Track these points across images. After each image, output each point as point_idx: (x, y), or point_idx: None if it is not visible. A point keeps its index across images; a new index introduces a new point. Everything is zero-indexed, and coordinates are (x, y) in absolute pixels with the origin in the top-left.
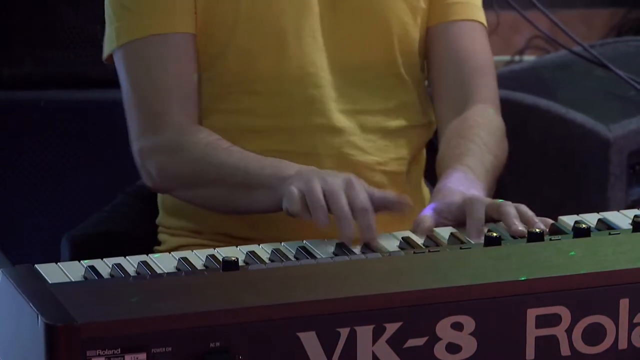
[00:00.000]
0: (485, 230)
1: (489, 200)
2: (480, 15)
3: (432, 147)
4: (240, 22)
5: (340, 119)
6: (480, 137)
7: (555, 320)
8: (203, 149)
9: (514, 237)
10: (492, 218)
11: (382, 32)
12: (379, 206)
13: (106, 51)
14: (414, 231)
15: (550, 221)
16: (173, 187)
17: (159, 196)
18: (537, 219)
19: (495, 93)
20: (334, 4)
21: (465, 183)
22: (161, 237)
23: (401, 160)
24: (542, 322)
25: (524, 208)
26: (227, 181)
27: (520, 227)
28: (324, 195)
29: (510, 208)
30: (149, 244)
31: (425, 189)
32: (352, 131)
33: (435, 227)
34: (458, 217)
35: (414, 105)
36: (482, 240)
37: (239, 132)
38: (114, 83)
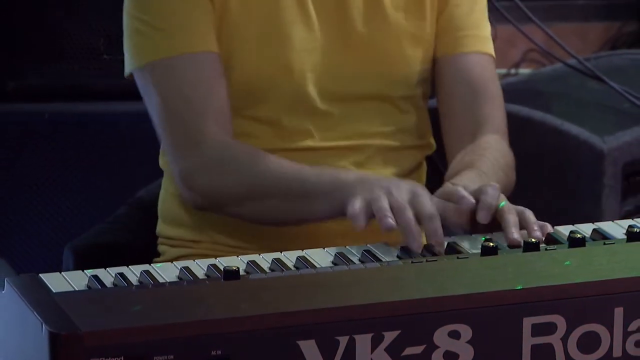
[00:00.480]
0: (482, 239)
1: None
2: (490, 47)
3: (433, 164)
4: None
5: (336, 145)
6: (492, 155)
7: (550, 328)
8: (250, 162)
9: (510, 246)
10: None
11: (384, 66)
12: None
13: (129, 67)
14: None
15: (550, 227)
16: (223, 204)
17: (159, 207)
18: (536, 226)
19: (505, 123)
20: (342, 40)
21: (479, 179)
22: (161, 248)
23: (392, 177)
24: (537, 330)
25: (528, 214)
26: (283, 192)
27: (516, 236)
28: (390, 206)
29: (511, 216)
30: (149, 255)
31: None
32: (347, 153)
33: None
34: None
35: (410, 130)
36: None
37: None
38: (116, 95)
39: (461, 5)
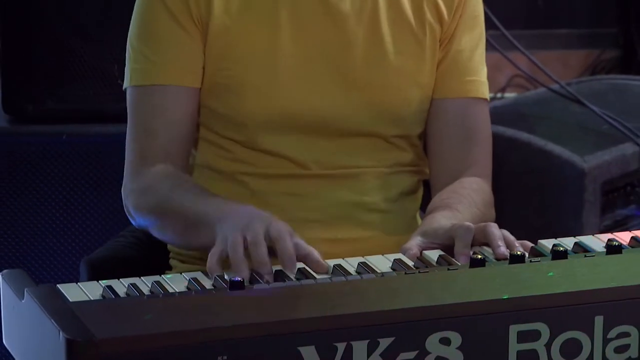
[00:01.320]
0: (471, 252)
1: (475, 225)
2: (486, 92)
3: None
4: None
5: (334, 173)
6: (470, 196)
7: (535, 335)
8: (168, 191)
9: (497, 259)
10: (479, 240)
11: (383, 106)
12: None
13: (124, 85)
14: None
15: (530, 244)
16: (146, 224)
17: None
18: (517, 243)
19: (490, 166)
20: (343, 80)
21: (453, 220)
22: (172, 262)
23: (389, 200)
24: (523, 337)
25: (505, 232)
26: (181, 219)
27: (504, 249)
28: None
29: (495, 230)
30: (160, 269)
31: (420, 221)
32: (343, 181)
33: (424, 249)
34: (445, 241)
35: (405, 163)
36: (468, 261)
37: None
38: None
39: (463, 51)
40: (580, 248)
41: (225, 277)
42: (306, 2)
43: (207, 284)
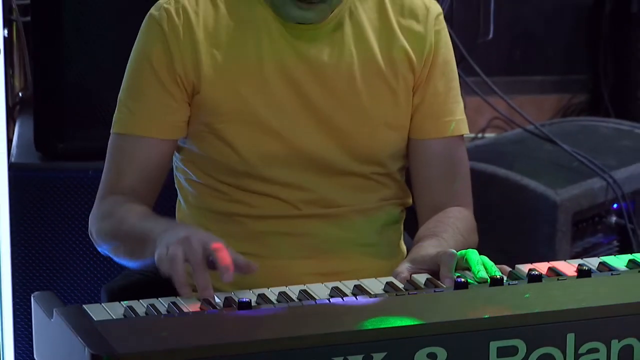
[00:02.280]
0: (455, 276)
1: (458, 252)
2: (465, 128)
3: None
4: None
5: (322, 213)
6: (455, 224)
7: (513, 351)
8: (121, 214)
9: (478, 282)
10: (461, 266)
11: (362, 150)
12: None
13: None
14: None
15: (508, 268)
16: (103, 244)
17: None
18: (495, 267)
19: (470, 195)
20: (322, 129)
21: (438, 247)
22: None
23: (374, 233)
24: (502, 352)
25: (485, 258)
26: (130, 238)
27: (483, 273)
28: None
29: (475, 256)
30: (173, 293)
31: (404, 247)
32: (329, 219)
33: (413, 274)
34: (431, 267)
35: (387, 197)
36: (452, 284)
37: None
38: None
39: (439, 95)
40: (553, 272)
41: (234, 297)
42: (289, 55)
43: (218, 304)
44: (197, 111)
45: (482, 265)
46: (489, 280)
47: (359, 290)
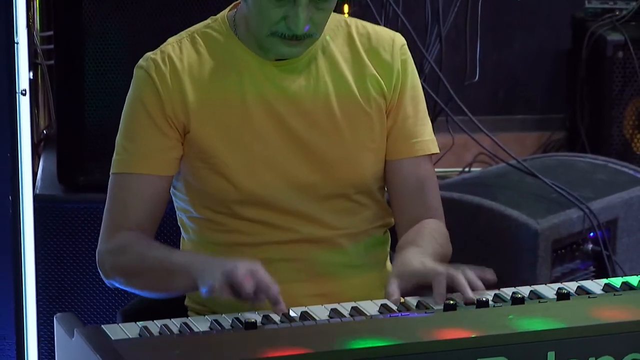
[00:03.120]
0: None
1: (447, 271)
2: (435, 148)
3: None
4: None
5: (314, 238)
6: (431, 234)
7: None
8: (141, 250)
9: (466, 303)
10: (449, 287)
11: (341, 173)
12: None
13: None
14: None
15: (490, 277)
16: (121, 280)
17: None
18: (480, 282)
19: (441, 208)
20: (306, 156)
21: (418, 255)
22: (190, 314)
23: (362, 256)
24: None
25: (470, 274)
26: (156, 272)
27: (470, 295)
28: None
29: (462, 279)
30: (182, 315)
31: (390, 266)
32: (324, 245)
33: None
34: (420, 282)
35: (370, 218)
36: (442, 305)
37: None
38: None
39: (409, 118)
40: (535, 295)
41: (241, 318)
42: (269, 89)
43: (226, 324)
44: (189, 148)
45: (468, 288)
46: (475, 302)
47: (355, 311)
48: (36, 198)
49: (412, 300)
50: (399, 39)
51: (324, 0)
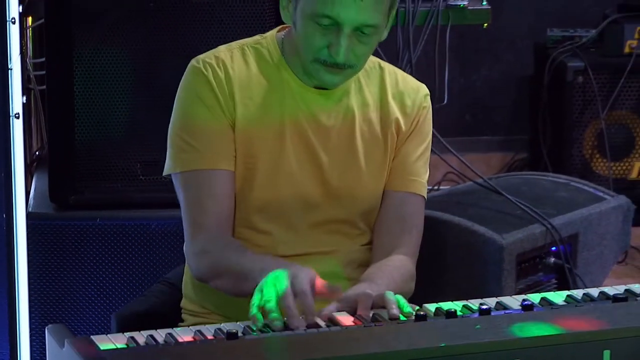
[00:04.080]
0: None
1: (375, 293)
2: (423, 190)
3: None
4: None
5: (313, 252)
6: (391, 273)
7: None
8: (221, 253)
9: (391, 318)
10: (378, 304)
11: (354, 202)
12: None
13: (167, 170)
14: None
15: (415, 307)
16: (206, 278)
17: (183, 286)
18: (394, 305)
19: (416, 248)
20: (322, 186)
21: (368, 289)
22: (184, 316)
23: (353, 271)
24: None
25: (400, 298)
26: (236, 274)
27: (395, 311)
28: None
29: (390, 296)
30: (175, 321)
31: None
32: (321, 259)
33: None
34: (352, 305)
35: (364, 242)
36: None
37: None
38: (149, 205)
39: (410, 155)
40: (500, 306)
41: (223, 329)
42: (304, 116)
43: (209, 334)
44: None
45: (395, 305)
46: (398, 317)
47: (332, 322)
48: (29, 216)
49: (383, 314)
50: (424, 89)
51: (367, 35)
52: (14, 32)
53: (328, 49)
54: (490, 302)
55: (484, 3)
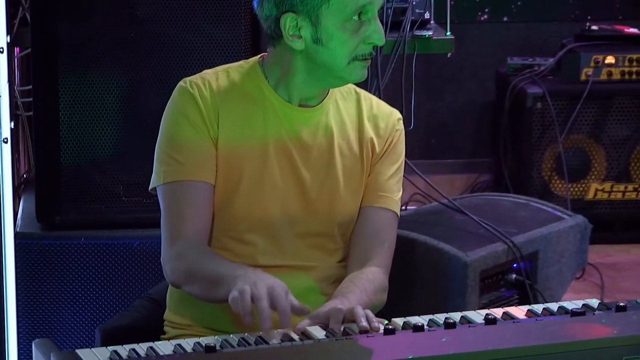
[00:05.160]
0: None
1: (346, 308)
2: (395, 207)
3: None
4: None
5: (295, 265)
6: (364, 285)
7: None
8: (197, 259)
9: (360, 331)
10: (349, 319)
11: (333, 216)
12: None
13: (152, 184)
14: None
15: (384, 321)
16: (179, 283)
17: (167, 298)
18: (375, 319)
19: (388, 261)
20: (304, 201)
21: (340, 305)
22: (166, 329)
23: (330, 286)
24: None
25: (368, 312)
26: (210, 279)
27: (365, 324)
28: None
29: (360, 310)
30: (157, 333)
31: None
32: (302, 273)
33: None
34: (324, 320)
35: (340, 259)
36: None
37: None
38: (131, 225)
39: (383, 174)
40: (465, 320)
41: (201, 342)
42: (287, 134)
43: (188, 348)
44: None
45: (364, 318)
46: (367, 329)
47: (305, 336)
48: (17, 235)
49: (354, 327)
50: (396, 114)
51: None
52: (2, 61)
53: (365, 43)
54: (455, 316)
55: (448, 33)
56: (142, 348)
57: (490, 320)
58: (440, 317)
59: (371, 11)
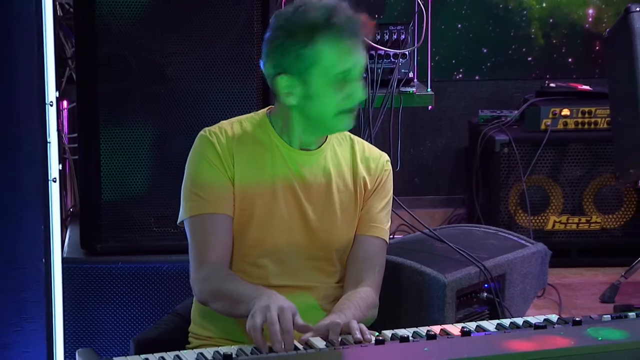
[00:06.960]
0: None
1: (343, 322)
2: (386, 236)
3: None
4: (254, 218)
5: (299, 285)
6: (358, 302)
7: None
8: (221, 281)
9: (355, 342)
10: (345, 331)
11: (331, 244)
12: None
13: (180, 218)
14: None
15: (375, 333)
16: (206, 301)
17: (192, 313)
18: (368, 332)
19: (379, 282)
20: (305, 229)
21: (338, 319)
22: (190, 340)
23: (329, 304)
24: None
25: (362, 326)
26: (232, 298)
27: (358, 335)
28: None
29: (354, 324)
30: (183, 344)
31: None
32: (304, 292)
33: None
34: (324, 333)
35: (338, 280)
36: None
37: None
38: (162, 252)
39: (374, 207)
40: (444, 332)
41: (220, 351)
42: (292, 174)
43: (209, 356)
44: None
45: (358, 331)
46: (361, 340)
47: (307, 345)
48: (64, 260)
49: (350, 339)
50: (385, 156)
51: (360, 74)
52: (52, 112)
53: (349, 99)
54: (435, 329)
55: (429, 90)
56: (169, 356)
57: (465, 332)
58: (422, 330)
59: (354, 73)
